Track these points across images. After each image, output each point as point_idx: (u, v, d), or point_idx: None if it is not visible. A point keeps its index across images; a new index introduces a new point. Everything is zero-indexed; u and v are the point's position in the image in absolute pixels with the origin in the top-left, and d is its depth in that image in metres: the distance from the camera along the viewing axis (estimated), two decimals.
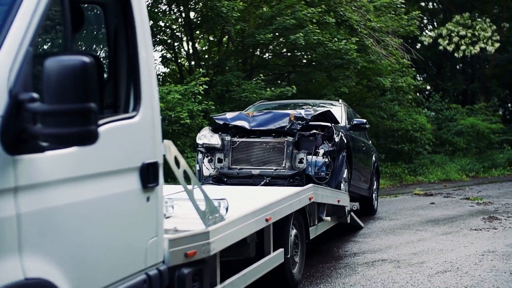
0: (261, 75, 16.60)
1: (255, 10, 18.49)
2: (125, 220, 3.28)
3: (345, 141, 8.58)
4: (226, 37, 18.93)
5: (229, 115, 8.64)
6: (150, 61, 3.61)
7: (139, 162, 3.39)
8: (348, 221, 8.32)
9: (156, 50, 20.91)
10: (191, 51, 19.18)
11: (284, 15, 16.35)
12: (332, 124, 8.69)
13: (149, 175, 3.44)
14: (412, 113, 22.47)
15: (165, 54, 20.62)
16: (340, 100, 10.58)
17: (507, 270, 6.56)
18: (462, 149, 23.71)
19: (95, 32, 4.21)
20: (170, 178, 12.73)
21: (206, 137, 8.52)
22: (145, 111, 3.48)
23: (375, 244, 8.39)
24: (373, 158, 11.47)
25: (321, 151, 8.10)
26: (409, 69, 20.59)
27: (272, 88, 16.29)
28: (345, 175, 8.74)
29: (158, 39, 19.98)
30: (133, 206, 3.35)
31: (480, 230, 9.34)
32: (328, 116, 8.82)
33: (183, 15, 18.51)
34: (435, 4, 32.45)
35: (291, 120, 8.19)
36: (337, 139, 8.19)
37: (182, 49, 19.99)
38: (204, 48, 21.32)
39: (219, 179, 8.44)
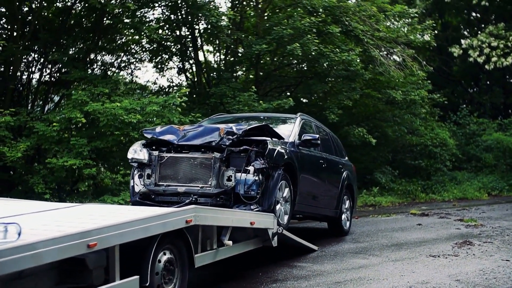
0: (254, 86, 15.97)
1: (263, 21, 18.00)
2: None
3: (284, 157, 7.96)
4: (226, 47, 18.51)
5: (158, 128, 8.20)
6: None
7: None
8: (274, 245, 7.64)
9: (173, 61, 20.71)
10: (199, 63, 18.86)
11: (281, 25, 15.79)
12: (272, 139, 8.12)
13: None
14: (434, 128, 21.47)
15: (178, 65, 20.39)
16: (298, 114, 9.93)
17: None
18: (491, 165, 22.46)
19: None
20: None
21: (136, 151, 8.10)
22: None
23: (309, 271, 7.71)
24: (344, 175, 10.74)
25: (252, 168, 7.55)
26: (424, 81, 19.63)
27: (270, 101, 15.67)
28: (285, 194, 8.13)
29: (173, 50, 19.78)
30: None
31: (438, 257, 8.51)
32: (266, 130, 8.25)
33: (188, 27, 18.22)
34: (474, 14, 31.12)
35: (220, 135, 7.69)
36: (271, 155, 7.60)
37: (191, 60, 19.64)
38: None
39: (148, 196, 8.01)
